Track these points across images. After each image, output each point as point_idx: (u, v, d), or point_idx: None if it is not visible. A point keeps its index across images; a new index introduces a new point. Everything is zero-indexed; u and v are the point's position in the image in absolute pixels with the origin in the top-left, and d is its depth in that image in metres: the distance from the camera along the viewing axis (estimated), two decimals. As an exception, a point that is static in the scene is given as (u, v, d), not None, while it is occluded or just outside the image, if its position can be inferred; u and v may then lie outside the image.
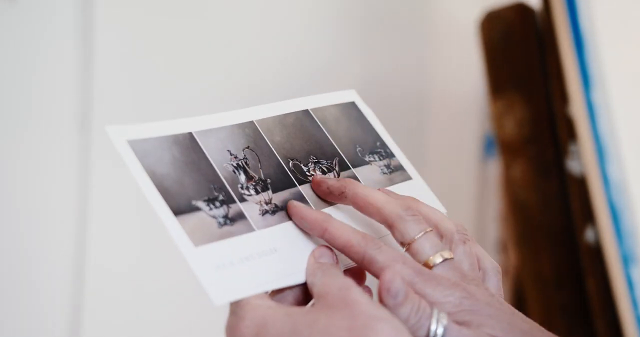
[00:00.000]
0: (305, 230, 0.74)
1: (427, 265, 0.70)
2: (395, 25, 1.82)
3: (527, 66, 1.63)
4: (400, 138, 1.79)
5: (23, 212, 1.38)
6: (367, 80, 1.78)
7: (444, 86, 1.95)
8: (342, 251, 0.71)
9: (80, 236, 1.42)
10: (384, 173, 0.84)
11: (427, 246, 0.70)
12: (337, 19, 1.74)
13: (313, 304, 0.66)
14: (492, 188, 2.02)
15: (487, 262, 0.75)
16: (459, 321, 0.66)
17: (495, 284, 0.74)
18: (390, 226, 0.72)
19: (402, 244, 0.72)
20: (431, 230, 0.72)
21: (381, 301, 0.65)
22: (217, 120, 0.77)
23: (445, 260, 0.70)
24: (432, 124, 1.95)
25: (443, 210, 0.83)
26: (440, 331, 0.64)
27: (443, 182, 1.98)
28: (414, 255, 0.71)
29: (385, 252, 0.69)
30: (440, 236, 0.73)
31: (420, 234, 0.71)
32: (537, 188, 1.57)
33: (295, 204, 0.74)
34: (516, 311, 0.69)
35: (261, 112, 0.80)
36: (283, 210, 0.75)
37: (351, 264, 0.73)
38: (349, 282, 0.66)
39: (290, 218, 0.75)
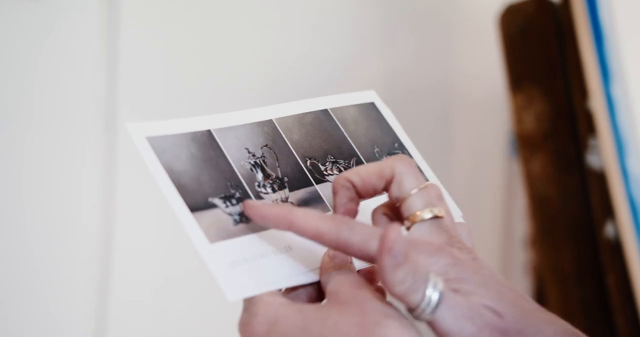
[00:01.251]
0: (271, 227, 0.71)
1: (414, 219, 0.68)
2: (417, 20, 1.82)
3: (547, 60, 1.62)
4: (425, 134, 1.81)
5: (48, 211, 1.39)
6: (389, 76, 1.78)
7: (468, 81, 1.94)
8: (316, 241, 0.67)
9: (105, 235, 1.43)
10: None
11: (419, 201, 0.68)
12: (358, 15, 1.73)
13: (325, 302, 0.67)
14: (519, 184, 2.01)
15: (459, 226, 0.71)
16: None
17: (469, 242, 0.70)
18: (389, 179, 0.70)
19: (397, 199, 0.69)
20: (426, 186, 0.69)
21: (379, 261, 0.61)
22: (236, 118, 0.77)
23: (434, 217, 0.68)
24: (457, 120, 1.94)
25: (459, 213, 0.82)
26: (435, 296, 0.61)
27: (470, 179, 1.97)
28: (404, 210, 0.69)
29: (359, 232, 0.66)
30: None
31: (415, 190, 0.69)
32: (557, 183, 1.56)
33: (251, 203, 0.70)
34: (498, 275, 0.66)
35: (281, 110, 0.80)
36: None
37: (365, 264, 0.73)
38: (361, 280, 0.66)
39: None
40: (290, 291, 0.70)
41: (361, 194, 0.72)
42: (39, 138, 1.36)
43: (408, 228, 0.69)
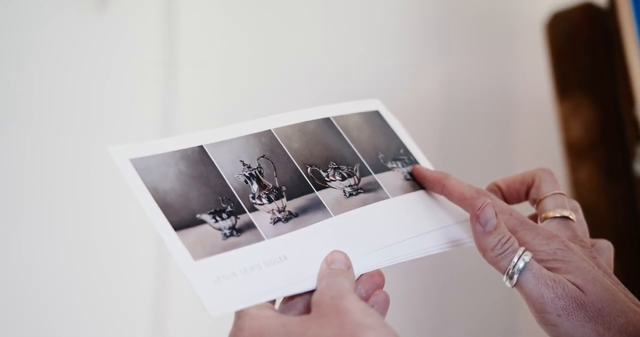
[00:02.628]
0: (428, 189, 0.82)
1: (545, 217, 0.78)
2: (468, 29, 1.79)
3: (594, 67, 1.59)
4: (484, 141, 1.77)
5: (109, 216, 1.42)
6: (447, 83, 1.76)
7: (525, 88, 1.91)
8: (458, 204, 0.79)
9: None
10: (406, 179, 0.83)
11: (551, 203, 0.78)
12: (414, 24, 1.72)
13: (310, 314, 0.67)
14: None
15: (601, 241, 0.80)
16: (548, 267, 0.73)
17: (607, 257, 0.79)
18: (530, 184, 0.81)
19: (534, 201, 0.80)
20: (562, 194, 0.79)
21: (472, 228, 0.73)
22: (231, 131, 0.77)
23: (563, 217, 0.78)
24: (515, 126, 1.91)
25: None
26: (521, 264, 0.72)
27: None
28: (539, 210, 0.79)
29: (495, 204, 0.75)
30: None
31: (550, 194, 0.79)
32: (604, 191, 1.52)
33: (417, 167, 0.83)
34: (608, 273, 0.75)
35: (280, 120, 0.80)
36: (297, 217, 0.74)
37: (367, 269, 0.73)
38: (344, 289, 0.67)
39: (303, 225, 0.74)
40: (288, 300, 0.70)
41: (506, 198, 0.82)
42: (101, 141, 1.39)
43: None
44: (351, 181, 0.79)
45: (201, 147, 0.74)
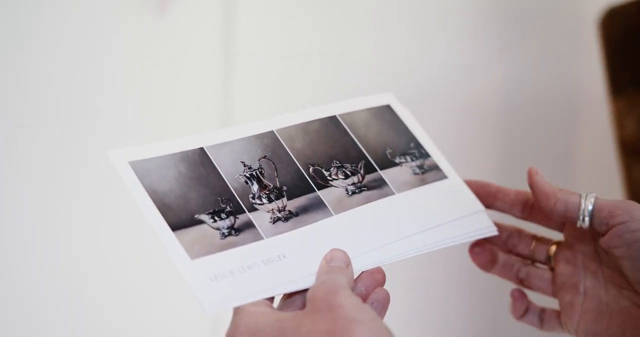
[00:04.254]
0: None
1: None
2: (530, 24, 1.77)
3: (650, 63, 1.55)
4: (542, 140, 1.75)
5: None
6: (505, 82, 1.74)
7: (582, 86, 1.88)
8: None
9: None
10: (415, 173, 0.83)
11: None
12: (471, 22, 1.71)
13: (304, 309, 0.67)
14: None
15: None
16: None
17: None
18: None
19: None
20: None
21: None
22: (233, 133, 0.78)
23: None
24: (572, 125, 1.88)
25: (481, 207, 0.83)
26: (590, 199, 0.76)
27: (593, 183, 1.91)
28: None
29: None
30: None
31: None
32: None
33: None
34: None
35: (283, 121, 0.81)
36: (297, 216, 0.75)
37: (368, 267, 0.73)
38: (338, 285, 0.67)
39: (302, 225, 0.75)
40: (287, 298, 0.71)
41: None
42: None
43: None
44: (354, 179, 0.79)
45: (202, 149, 0.76)
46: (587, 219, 0.76)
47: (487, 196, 0.84)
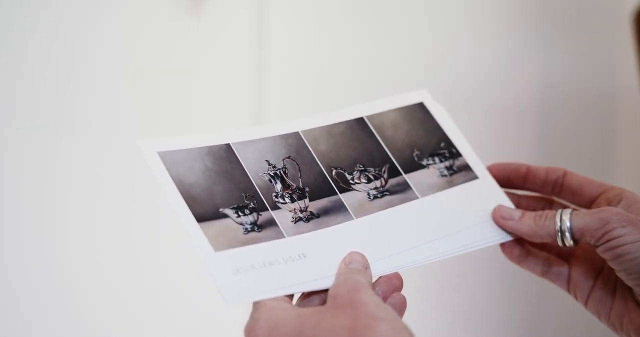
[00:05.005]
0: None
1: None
2: (571, 21, 1.76)
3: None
4: (583, 142, 1.74)
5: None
6: (544, 82, 1.73)
7: (623, 86, 1.86)
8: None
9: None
10: (442, 175, 0.83)
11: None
12: (509, 20, 1.70)
13: (325, 306, 0.68)
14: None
15: None
16: None
17: None
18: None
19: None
20: None
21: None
22: (259, 131, 0.79)
23: None
24: (619, 124, 1.86)
25: (511, 206, 0.84)
26: (565, 216, 0.76)
27: (633, 182, 1.89)
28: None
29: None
30: None
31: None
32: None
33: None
34: None
35: (309, 122, 0.82)
36: (318, 218, 0.76)
37: (386, 272, 0.73)
38: (361, 284, 0.67)
39: (323, 226, 0.75)
40: (305, 297, 0.71)
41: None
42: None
43: None
44: (377, 183, 0.79)
45: (228, 145, 0.77)
46: (571, 242, 0.77)
47: (519, 179, 0.85)
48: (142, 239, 1.42)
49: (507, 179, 0.85)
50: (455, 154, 0.85)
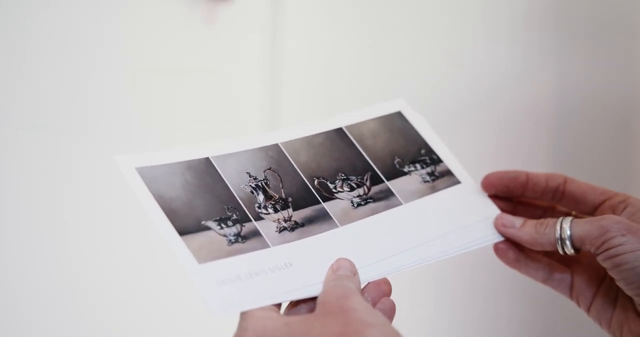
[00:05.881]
0: None
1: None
2: (594, 26, 1.75)
3: None
4: (605, 149, 1.73)
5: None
6: (565, 88, 1.72)
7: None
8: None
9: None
10: (425, 182, 0.83)
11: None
12: (525, 24, 1.69)
13: (314, 313, 0.67)
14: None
15: None
16: None
17: None
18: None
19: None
20: None
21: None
22: (238, 144, 0.79)
23: None
24: (637, 131, 1.85)
25: (496, 211, 0.83)
26: (566, 224, 0.75)
27: None
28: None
29: None
30: None
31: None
32: None
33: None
34: None
35: (288, 134, 0.82)
36: (303, 227, 0.76)
37: (374, 278, 0.73)
38: (350, 290, 0.67)
39: (308, 235, 0.75)
40: (293, 306, 0.71)
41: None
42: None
43: None
44: (360, 191, 0.80)
45: (207, 159, 0.77)
46: (572, 250, 0.76)
47: (518, 188, 0.83)
48: (142, 239, 1.42)
49: (506, 188, 0.84)
50: (436, 160, 0.85)
